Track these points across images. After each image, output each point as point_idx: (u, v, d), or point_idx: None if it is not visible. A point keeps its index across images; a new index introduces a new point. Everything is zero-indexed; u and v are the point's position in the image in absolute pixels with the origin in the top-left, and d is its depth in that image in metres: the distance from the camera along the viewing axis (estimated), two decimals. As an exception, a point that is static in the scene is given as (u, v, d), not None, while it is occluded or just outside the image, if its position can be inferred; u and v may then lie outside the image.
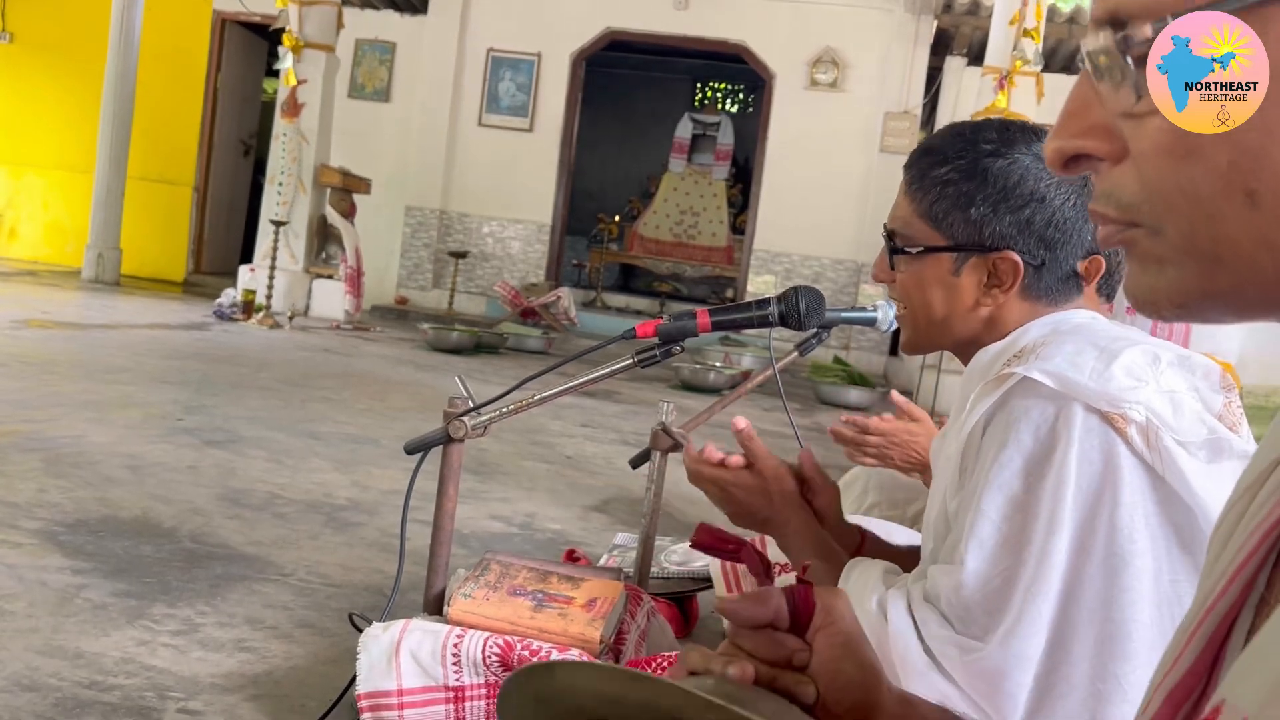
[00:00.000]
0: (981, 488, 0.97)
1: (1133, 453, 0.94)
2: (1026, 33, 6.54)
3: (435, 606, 1.65)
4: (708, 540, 0.80)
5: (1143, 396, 0.95)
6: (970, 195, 1.10)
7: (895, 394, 1.93)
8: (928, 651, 0.97)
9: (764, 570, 0.73)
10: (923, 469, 1.78)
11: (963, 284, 1.13)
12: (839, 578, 1.10)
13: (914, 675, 0.96)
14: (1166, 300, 0.47)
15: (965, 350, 1.17)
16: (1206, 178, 0.42)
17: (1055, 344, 0.99)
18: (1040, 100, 6.64)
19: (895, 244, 1.17)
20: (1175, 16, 0.41)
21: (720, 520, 1.14)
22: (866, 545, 1.29)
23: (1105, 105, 0.46)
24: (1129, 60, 0.44)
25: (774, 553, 1.99)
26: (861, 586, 1.05)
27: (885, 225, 1.20)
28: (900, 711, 0.69)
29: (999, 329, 1.12)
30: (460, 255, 9.39)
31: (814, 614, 0.68)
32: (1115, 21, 0.45)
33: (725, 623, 0.71)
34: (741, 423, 1.24)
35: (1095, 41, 0.46)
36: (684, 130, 11.91)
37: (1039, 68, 6.72)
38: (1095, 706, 0.94)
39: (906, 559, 1.29)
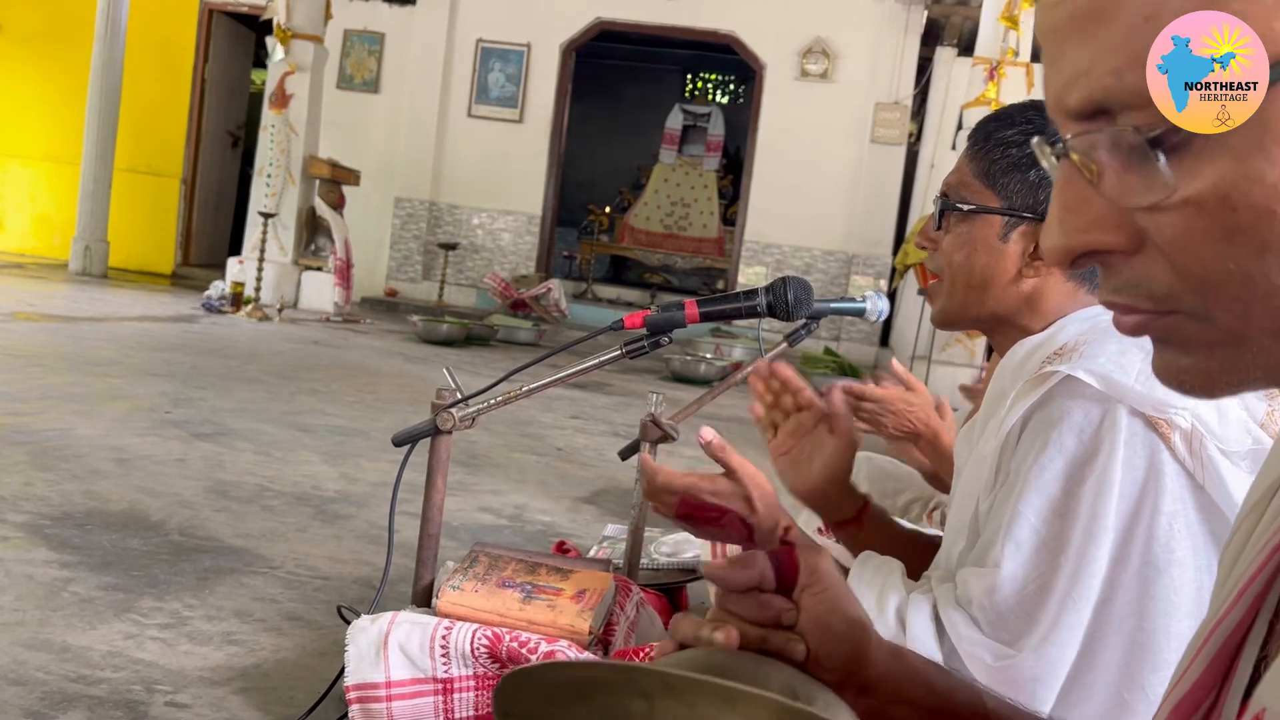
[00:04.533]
0: (1020, 488, 0.95)
1: (1175, 460, 0.92)
2: (1013, 21, 6.54)
3: (424, 598, 1.65)
4: (689, 511, 0.80)
5: (1189, 402, 0.92)
6: (1033, 157, 1.06)
7: (895, 362, 1.89)
8: (949, 660, 0.95)
9: (748, 535, 0.74)
10: (915, 438, 1.77)
11: (1009, 251, 1.09)
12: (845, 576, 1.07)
13: None
14: (1223, 381, 0.44)
15: (999, 330, 1.14)
16: (1252, 257, 0.40)
17: (1098, 342, 0.96)
18: (1030, 91, 6.64)
19: (947, 201, 1.13)
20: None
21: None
22: (868, 513, 1.26)
23: (1110, 197, 0.43)
24: (1155, 151, 0.40)
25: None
26: (880, 587, 1.02)
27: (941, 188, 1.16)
28: (890, 663, 0.70)
29: (1038, 309, 1.09)
30: (450, 247, 9.36)
31: (798, 574, 0.69)
32: (1103, 111, 0.42)
33: (711, 592, 0.71)
34: (709, 434, 1.10)
35: (1085, 137, 0.43)
36: (674, 121, 11.88)
37: (1028, 58, 6.72)
38: (1119, 716, 0.92)
39: (909, 542, 1.27)
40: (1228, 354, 0.43)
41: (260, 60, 10.03)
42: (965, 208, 1.11)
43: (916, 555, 1.18)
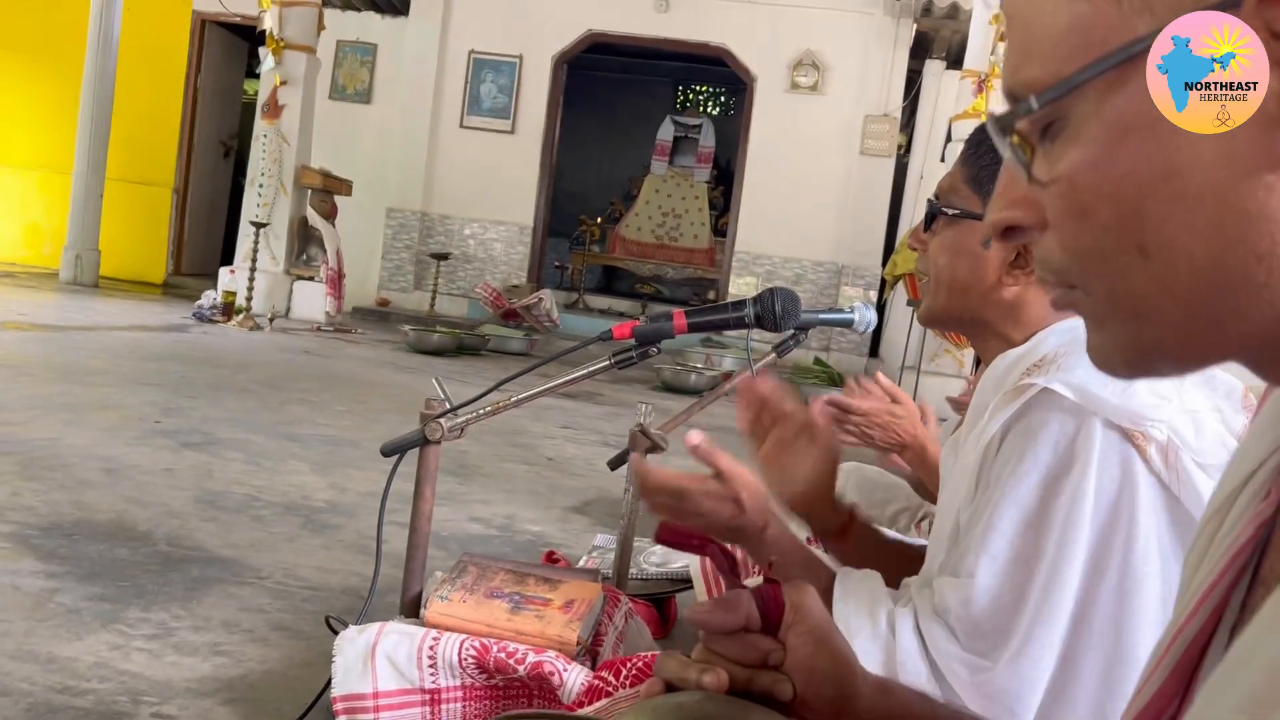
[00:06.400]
0: (996, 500, 0.95)
1: (1150, 472, 0.93)
2: (1003, 35, 6.59)
3: (412, 609, 1.65)
4: (671, 536, 0.81)
5: (1165, 415, 0.93)
6: None
7: (880, 375, 1.90)
8: (934, 671, 0.95)
9: (730, 567, 0.74)
10: (902, 450, 1.78)
11: (989, 258, 1.10)
12: (825, 586, 1.07)
13: None
14: (1116, 358, 0.47)
15: (981, 335, 1.16)
16: (1103, 236, 0.44)
17: (1077, 354, 0.97)
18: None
19: (935, 205, 1.15)
20: (1042, 94, 0.44)
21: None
22: (854, 527, 1.27)
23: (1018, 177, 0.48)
24: (1012, 136, 0.47)
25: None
26: (869, 597, 1.03)
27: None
28: (878, 699, 0.70)
29: (1019, 319, 1.11)
30: (442, 257, 9.37)
31: (784, 613, 0.69)
32: (1012, 97, 0.47)
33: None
34: (696, 438, 1.11)
35: (996, 120, 0.48)
36: (666, 133, 11.92)
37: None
38: None
39: (894, 553, 1.27)
40: (1117, 330, 0.46)
41: (253, 70, 10.03)
42: (951, 212, 1.13)
43: (903, 565, 1.18)
